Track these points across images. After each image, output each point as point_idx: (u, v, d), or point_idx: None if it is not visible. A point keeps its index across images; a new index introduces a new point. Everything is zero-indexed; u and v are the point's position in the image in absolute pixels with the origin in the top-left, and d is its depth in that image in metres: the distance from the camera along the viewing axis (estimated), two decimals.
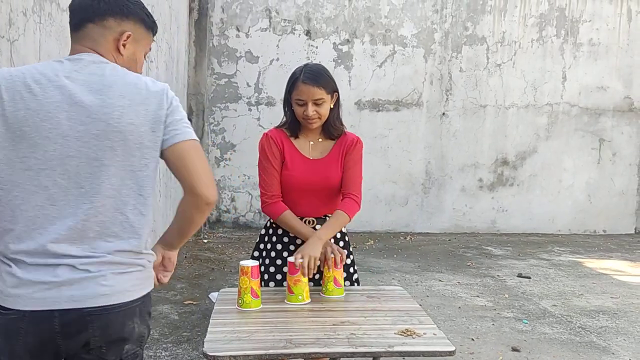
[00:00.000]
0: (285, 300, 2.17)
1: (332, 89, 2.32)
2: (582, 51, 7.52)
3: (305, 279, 2.18)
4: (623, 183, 7.74)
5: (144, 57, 1.58)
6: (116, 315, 1.43)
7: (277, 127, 2.42)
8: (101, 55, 1.46)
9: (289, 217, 2.32)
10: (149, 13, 1.54)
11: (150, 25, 1.55)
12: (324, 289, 2.26)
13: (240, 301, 2.10)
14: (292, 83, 2.31)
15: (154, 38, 1.61)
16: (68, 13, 1.49)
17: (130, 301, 1.45)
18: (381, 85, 7.27)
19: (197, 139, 1.50)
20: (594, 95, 7.60)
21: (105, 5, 1.45)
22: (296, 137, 2.38)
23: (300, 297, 2.15)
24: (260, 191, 2.39)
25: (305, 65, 2.36)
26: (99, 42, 1.46)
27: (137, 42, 1.52)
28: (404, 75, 7.30)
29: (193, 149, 1.47)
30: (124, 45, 1.48)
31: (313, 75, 2.27)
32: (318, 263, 2.19)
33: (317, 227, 2.38)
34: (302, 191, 2.35)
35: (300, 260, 2.13)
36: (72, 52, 1.46)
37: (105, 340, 1.43)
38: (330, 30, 7.17)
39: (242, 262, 2.12)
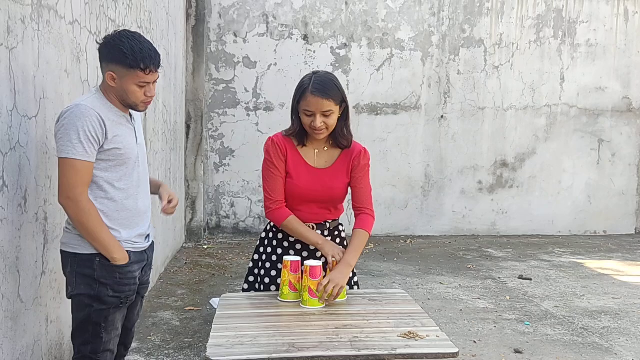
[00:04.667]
0: (303, 305, 2.16)
1: (341, 100, 2.29)
2: (579, 52, 7.53)
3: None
4: (623, 183, 7.74)
5: (141, 87, 2.05)
6: None
7: (284, 135, 2.38)
8: (102, 83, 2.12)
9: (294, 222, 2.31)
10: (133, 54, 2.00)
11: (130, 64, 2.01)
12: (280, 292, 2.27)
13: (280, 292, 2.26)
14: (301, 93, 2.25)
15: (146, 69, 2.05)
16: None
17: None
18: (379, 89, 7.27)
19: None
20: (592, 96, 7.61)
21: (100, 55, 2.10)
22: (303, 145, 2.36)
23: (322, 301, 2.18)
24: (264, 195, 2.37)
25: (315, 74, 2.30)
26: (103, 77, 2.11)
27: (121, 77, 2.05)
28: (402, 78, 7.30)
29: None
30: (112, 80, 2.06)
31: (322, 87, 2.23)
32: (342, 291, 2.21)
33: (317, 232, 2.38)
34: (305, 199, 2.34)
35: (325, 283, 2.15)
36: None
37: None
38: (327, 35, 7.18)
39: (285, 257, 2.26)
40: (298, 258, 2.25)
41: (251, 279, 2.47)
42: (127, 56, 2.00)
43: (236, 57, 7.06)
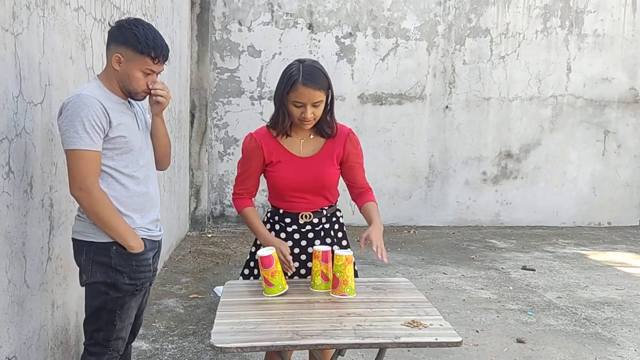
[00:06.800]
0: (264, 293, 2.17)
1: (329, 88, 2.24)
2: (586, 42, 7.48)
3: (280, 269, 2.17)
4: (628, 175, 7.71)
5: (147, 75, 2.06)
6: None
7: (267, 127, 2.36)
8: (105, 69, 2.12)
9: (249, 214, 2.37)
10: (146, 41, 2.01)
11: (142, 50, 2.01)
12: (312, 282, 2.25)
13: (311, 283, 2.23)
14: (291, 84, 2.18)
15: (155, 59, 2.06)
16: None
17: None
18: (384, 79, 7.24)
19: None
20: (598, 87, 7.56)
21: (110, 37, 2.09)
22: (287, 135, 2.32)
23: (280, 287, 2.17)
24: (234, 184, 2.45)
25: (301, 63, 2.22)
26: (107, 60, 2.10)
27: (129, 61, 2.04)
28: (407, 68, 7.27)
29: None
30: (118, 63, 2.05)
31: (313, 77, 2.17)
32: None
33: (314, 220, 2.37)
34: (296, 189, 2.33)
35: (366, 235, 2.20)
36: None
37: None
38: (332, 24, 7.14)
39: (315, 247, 2.24)
40: (328, 248, 2.24)
41: (246, 271, 2.48)
42: (139, 41, 2.01)
43: (241, 46, 7.04)
